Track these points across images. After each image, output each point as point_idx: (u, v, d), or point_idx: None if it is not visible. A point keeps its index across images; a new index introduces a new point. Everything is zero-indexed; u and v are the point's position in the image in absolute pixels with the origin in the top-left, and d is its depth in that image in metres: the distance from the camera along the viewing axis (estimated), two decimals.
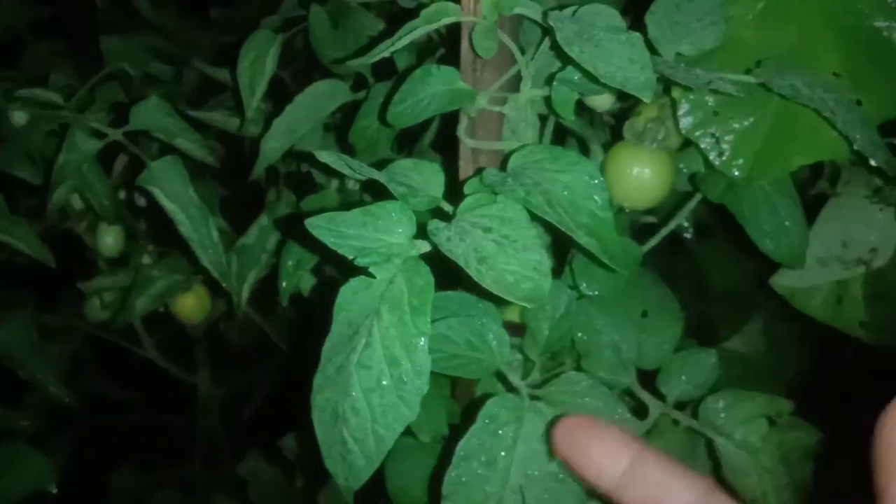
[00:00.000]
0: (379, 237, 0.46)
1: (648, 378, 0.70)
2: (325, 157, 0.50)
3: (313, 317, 1.07)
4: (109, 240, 1.00)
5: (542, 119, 0.61)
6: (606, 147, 0.66)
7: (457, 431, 0.70)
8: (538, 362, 0.65)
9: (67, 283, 1.21)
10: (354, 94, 0.81)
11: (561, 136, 0.69)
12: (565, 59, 0.50)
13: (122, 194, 1.04)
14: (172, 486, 1.41)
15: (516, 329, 0.66)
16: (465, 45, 0.54)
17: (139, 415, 1.53)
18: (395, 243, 0.46)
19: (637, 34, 0.45)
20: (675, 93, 0.59)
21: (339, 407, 0.44)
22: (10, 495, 0.58)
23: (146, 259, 1.05)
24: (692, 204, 0.65)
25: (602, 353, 0.66)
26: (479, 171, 0.52)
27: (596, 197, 0.48)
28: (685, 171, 0.66)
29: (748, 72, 0.52)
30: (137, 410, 1.54)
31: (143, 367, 1.40)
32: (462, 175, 0.60)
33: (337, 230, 0.46)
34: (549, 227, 0.54)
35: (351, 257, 0.45)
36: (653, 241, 0.66)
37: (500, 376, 0.59)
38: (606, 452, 0.27)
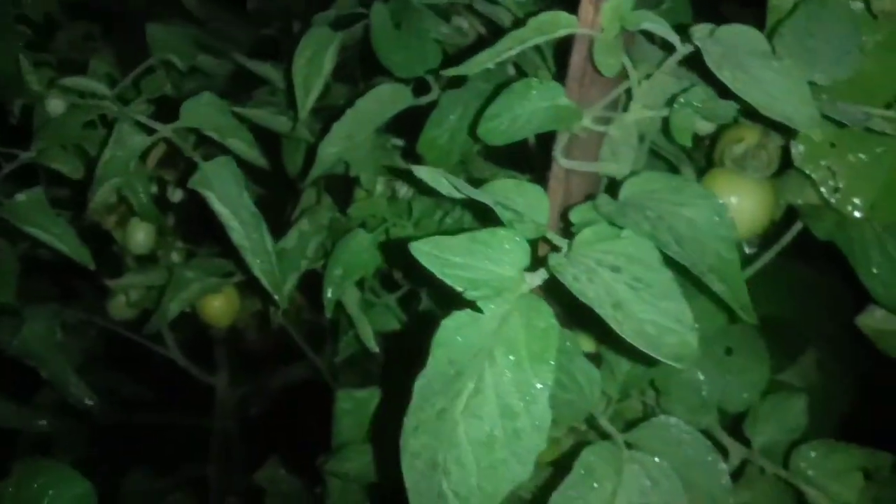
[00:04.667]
0: (489, 268, 0.42)
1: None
2: (424, 174, 0.46)
3: (339, 323, 1.03)
4: (140, 236, 0.95)
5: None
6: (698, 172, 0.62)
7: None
8: (612, 399, 0.61)
9: (85, 276, 1.17)
10: (416, 99, 0.77)
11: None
12: (690, 77, 0.46)
13: (153, 188, 1.00)
14: (185, 489, 1.36)
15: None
16: (575, 59, 0.50)
17: (152, 414, 1.49)
18: (507, 276, 0.42)
19: (789, 62, 0.41)
20: None
21: (440, 457, 0.39)
22: None
23: (175, 257, 1.01)
24: (789, 237, 0.61)
25: (682, 391, 0.62)
26: (588, 197, 0.48)
27: (723, 236, 0.44)
28: (780, 201, 0.62)
29: (888, 106, 0.48)
30: (148, 409, 1.50)
31: (154, 364, 1.36)
32: (552, 197, 0.56)
33: (444, 258, 0.42)
34: None
35: (460, 289, 0.41)
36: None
37: (589, 420, 0.55)
38: None
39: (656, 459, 0.48)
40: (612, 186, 0.49)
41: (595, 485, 0.47)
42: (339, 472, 0.72)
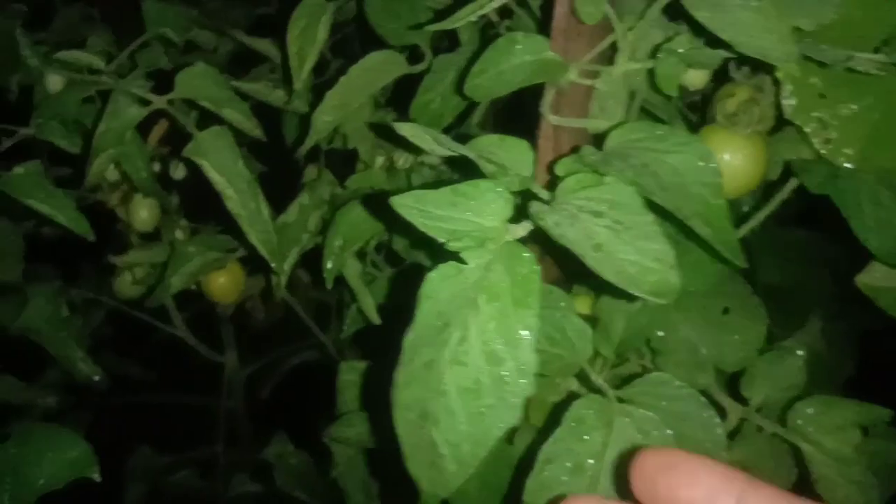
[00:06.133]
0: (471, 219, 0.42)
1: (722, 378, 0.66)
2: (406, 129, 0.46)
3: (344, 298, 1.04)
4: (144, 213, 0.96)
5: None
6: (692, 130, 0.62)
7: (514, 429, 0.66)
8: (608, 359, 0.61)
9: (91, 256, 1.17)
10: (411, 67, 0.77)
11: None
12: (678, 28, 0.45)
13: (156, 166, 1.00)
14: (192, 467, 1.37)
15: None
16: (559, 10, 0.49)
17: (158, 394, 1.50)
18: (489, 227, 0.42)
19: (768, 2, 0.41)
20: (779, 72, 0.54)
21: (429, 407, 0.40)
22: (51, 482, 0.54)
23: (179, 234, 1.01)
24: (784, 193, 0.61)
25: (678, 351, 0.62)
26: (574, 150, 0.47)
27: (708, 182, 0.43)
28: (775, 158, 0.61)
29: (876, 51, 0.47)
30: (157, 389, 1.51)
31: (162, 344, 1.37)
32: (542, 155, 0.56)
33: (426, 210, 0.42)
34: None
35: (442, 241, 0.41)
36: (739, 233, 0.62)
37: (580, 375, 0.55)
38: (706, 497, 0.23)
39: (647, 413, 0.48)
40: (599, 140, 0.48)
41: (585, 437, 0.47)
42: (341, 438, 0.73)
